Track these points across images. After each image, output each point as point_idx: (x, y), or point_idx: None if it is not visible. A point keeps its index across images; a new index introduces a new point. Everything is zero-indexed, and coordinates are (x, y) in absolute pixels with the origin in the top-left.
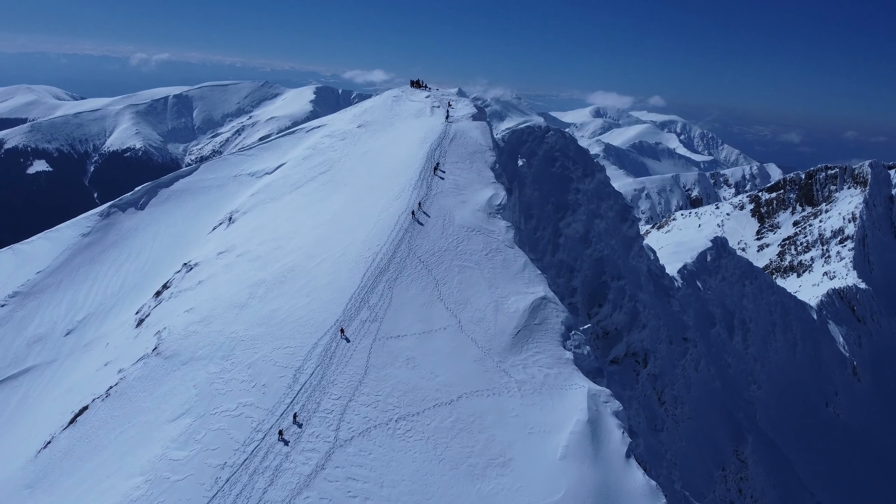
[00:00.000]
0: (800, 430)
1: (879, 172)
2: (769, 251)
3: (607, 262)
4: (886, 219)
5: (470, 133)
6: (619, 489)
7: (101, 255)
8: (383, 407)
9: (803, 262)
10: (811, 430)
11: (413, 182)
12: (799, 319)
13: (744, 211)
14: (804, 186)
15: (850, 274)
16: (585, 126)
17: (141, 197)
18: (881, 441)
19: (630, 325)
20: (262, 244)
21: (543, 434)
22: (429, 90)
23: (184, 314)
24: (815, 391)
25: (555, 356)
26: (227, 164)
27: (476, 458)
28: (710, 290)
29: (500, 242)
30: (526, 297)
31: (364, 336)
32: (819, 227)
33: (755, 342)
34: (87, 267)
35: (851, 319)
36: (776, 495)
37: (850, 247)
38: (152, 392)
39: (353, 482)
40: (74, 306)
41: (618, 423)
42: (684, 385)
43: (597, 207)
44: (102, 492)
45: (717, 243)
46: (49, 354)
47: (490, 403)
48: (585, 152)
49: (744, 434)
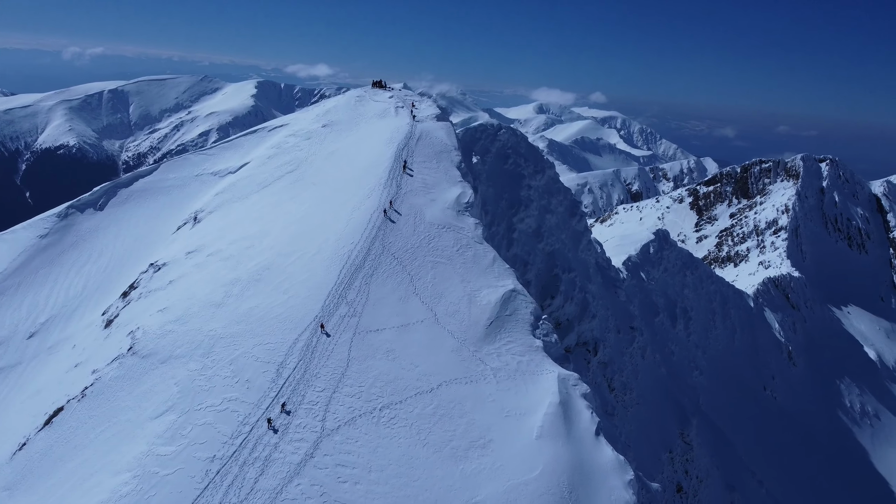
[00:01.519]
0: (740, 412)
1: (811, 166)
2: (707, 242)
3: (558, 256)
4: (818, 210)
5: (435, 133)
6: (590, 465)
7: (61, 257)
8: (367, 397)
9: (740, 253)
10: (750, 412)
11: (383, 181)
12: (737, 307)
13: (683, 204)
14: (740, 180)
15: (784, 263)
16: (529, 122)
17: (100, 197)
18: (815, 422)
19: (581, 316)
20: (232, 243)
21: (519, 416)
22: (392, 90)
23: (157, 314)
24: (753, 376)
25: (526, 344)
26: (189, 163)
27: (458, 441)
28: (653, 281)
29: (469, 238)
30: (497, 289)
31: (344, 330)
32: (754, 218)
33: (696, 330)
34: (46, 269)
35: (786, 306)
36: (720, 475)
37: (783, 237)
38: (131, 391)
39: (342, 468)
40: (36, 309)
41: (586, 404)
42: (632, 372)
43: (548, 203)
44: (87, 489)
45: (659, 236)
46: (12, 358)
47: (468, 390)
48: (536, 149)
49: (688, 417)
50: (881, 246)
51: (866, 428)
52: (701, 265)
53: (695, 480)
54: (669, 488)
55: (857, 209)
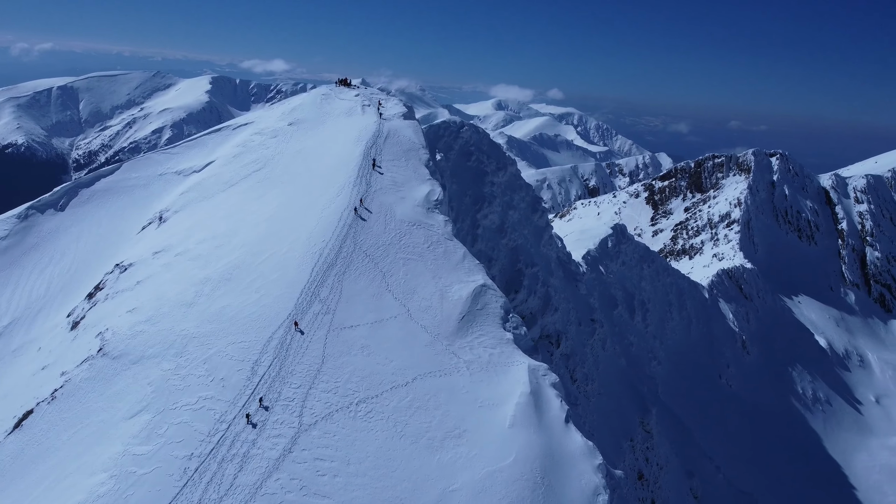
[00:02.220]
0: (697, 400)
1: (762, 160)
2: (663, 236)
3: (521, 251)
4: (769, 203)
5: (403, 132)
6: (561, 451)
7: (22, 259)
8: (343, 392)
9: (694, 246)
10: (707, 400)
11: (352, 179)
12: (692, 299)
13: (639, 199)
14: (694, 174)
15: (737, 255)
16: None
17: (60, 197)
18: (769, 408)
19: (544, 309)
20: (201, 242)
21: (492, 406)
22: (358, 89)
23: (126, 314)
24: (709, 364)
25: (496, 337)
26: (151, 162)
27: (434, 432)
28: (611, 274)
29: (439, 235)
30: (468, 284)
31: (318, 328)
32: (708, 212)
33: (654, 321)
34: (7, 271)
35: (739, 297)
36: (679, 462)
37: (736, 230)
38: (103, 392)
39: (320, 462)
40: None
41: (556, 393)
42: (593, 363)
43: (510, 199)
44: (63, 490)
45: (616, 230)
46: None
47: (442, 383)
48: (498, 146)
49: (648, 406)
50: (829, 237)
51: (818, 413)
52: (657, 258)
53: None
54: (631, 475)
55: (807, 202)
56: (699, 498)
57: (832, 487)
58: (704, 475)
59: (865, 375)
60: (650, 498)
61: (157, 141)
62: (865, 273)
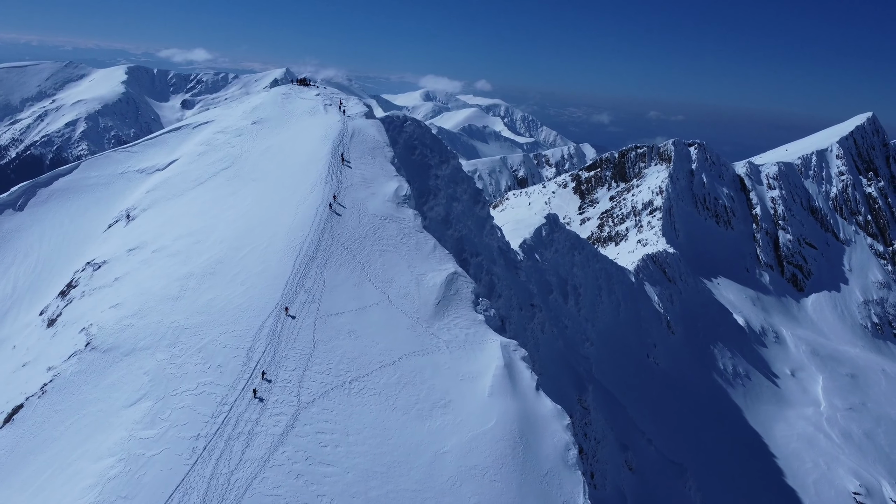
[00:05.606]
0: (627, 378)
1: (681, 150)
2: (590, 224)
3: (466, 241)
4: (688, 191)
5: (367, 131)
6: (535, 414)
7: None
8: (336, 372)
9: (620, 232)
10: (637, 378)
11: (324, 176)
12: (620, 283)
13: (567, 189)
14: (618, 164)
15: (660, 240)
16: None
17: (18, 197)
18: (693, 384)
19: (489, 296)
20: (178, 239)
21: (472, 379)
22: (318, 88)
23: (110, 310)
24: (637, 344)
25: (470, 318)
26: (111, 161)
27: (422, 404)
28: (546, 262)
29: (410, 228)
30: (440, 272)
31: (306, 316)
32: (632, 200)
33: (586, 305)
34: None
35: (663, 280)
36: (614, 436)
37: (658, 217)
38: (97, 384)
39: (322, 434)
40: None
41: (526, 365)
42: (534, 346)
43: (454, 191)
44: (69, 477)
45: (549, 219)
46: None
47: (426, 360)
48: (439, 140)
49: (585, 385)
50: (745, 222)
51: (739, 387)
52: (587, 245)
53: (593, 442)
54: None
55: (723, 189)
56: (633, 469)
57: (754, 456)
58: (637, 448)
59: (781, 351)
60: (589, 471)
61: (70, 134)
62: (779, 255)
